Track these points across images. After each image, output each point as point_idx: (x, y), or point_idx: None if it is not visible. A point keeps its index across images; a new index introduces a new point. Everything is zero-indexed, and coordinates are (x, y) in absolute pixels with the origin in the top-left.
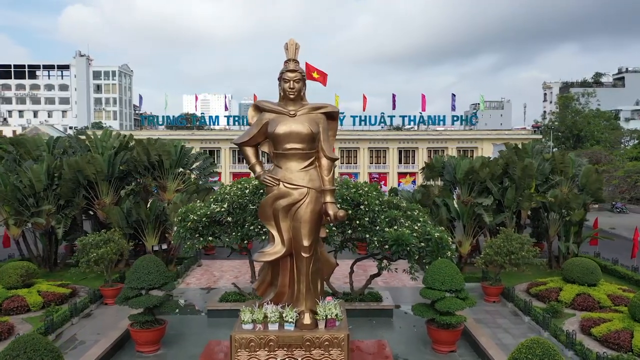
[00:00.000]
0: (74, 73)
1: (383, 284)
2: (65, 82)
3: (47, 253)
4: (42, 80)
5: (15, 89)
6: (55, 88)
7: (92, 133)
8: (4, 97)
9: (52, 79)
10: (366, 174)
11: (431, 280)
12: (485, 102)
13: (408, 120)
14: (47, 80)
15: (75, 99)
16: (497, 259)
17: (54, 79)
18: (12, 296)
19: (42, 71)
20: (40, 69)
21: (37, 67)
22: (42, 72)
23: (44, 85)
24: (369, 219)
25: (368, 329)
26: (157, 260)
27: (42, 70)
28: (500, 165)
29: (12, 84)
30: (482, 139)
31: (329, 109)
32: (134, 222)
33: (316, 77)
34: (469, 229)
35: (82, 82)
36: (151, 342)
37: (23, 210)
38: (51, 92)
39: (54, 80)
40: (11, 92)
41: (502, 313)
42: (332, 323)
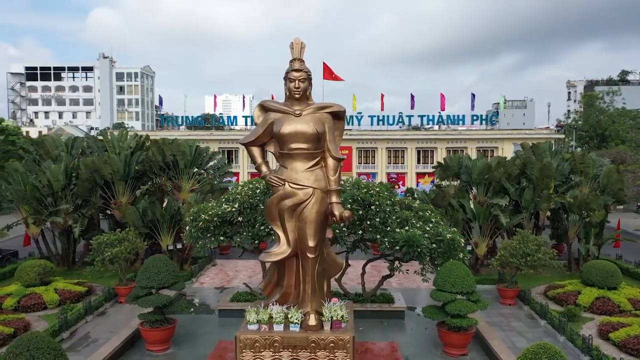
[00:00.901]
0: (98, 75)
1: (397, 285)
2: (89, 84)
3: (66, 252)
4: (67, 82)
5: (41, 91)
6: (80, 89)
7: (109, 133)
8: (31, 98)
9: (77, 80)
10: (384, 174)
11: (442, 282)
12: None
13: (427, 120)
14: (72, 82)
15: (98, 100)
16: (513, 261)
17: (78, 80)
18: (29, 294)
19: (67, 73)
20: (65, 71)
21: (62, 69)
22: (67, 74)
23: (68, 87)
24: (380, 219)
25: (379, 330)
26: (167, 260)
27: (67, 72)
28: (518, 165)
29: (38, 85)
30: (503, 139)
31: (334, 109)
32: (150, 221)
33: (334, 77)
34: (485, 230)
35: (106, 84)
36: (161, 341)
37: (42, 209)
38: (76, 93)
39: (78, 82)
40: (37, 93)
41: (517, 316)
42: (338, 325)
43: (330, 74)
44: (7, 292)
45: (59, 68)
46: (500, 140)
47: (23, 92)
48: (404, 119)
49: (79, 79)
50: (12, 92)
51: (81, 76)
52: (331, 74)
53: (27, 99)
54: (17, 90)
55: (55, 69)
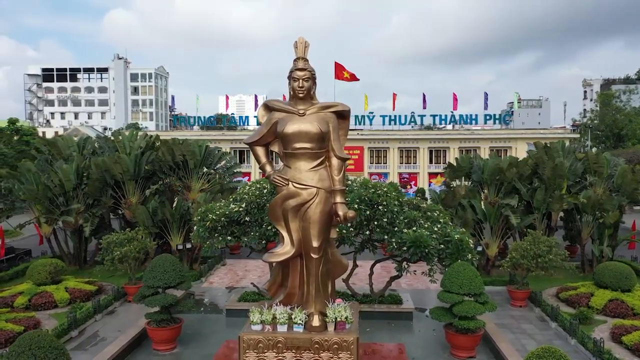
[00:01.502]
0: (112, 76)
1: (406, 286)
2: (104, 85)
3: (77, 251)
4: (82, 83)
5: (57, 92)
6: (95, 90)
7: (120, 133)
8: (47, 99)
9: (92, 81)
10: (396, 174)
11: (449, 284)
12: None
13: (439, 119)
14: (88, 82)
15: (113, 101)
16: (524, 263)
17: (93, 81)
18: (40, 292)
19: (83, 74)
20: (81, 72)
21: (78, 70)
22: (82, 75)
23: (84, 88)
24: (388, 219)
25: (387, 331)
26: (173, 260)
27: (83, 73)
28: (530, 165)
29: (55, 86)
30: (517, 139)
31: (339, 108)
32: (160, 221)
33: (347, 77)
34: (496, 230)
35: (120, 85)
36: (167, 340)
37: (53, 208)
38: (91, 94)
39: (93, 83)
40: (53, 94)
41: (528, 318)
42: (342, 326)
43: (342, 74)
44: (19, 291)
45: (75, 69)
46: (514, 140)
47: (40, 93)
48: (416, 119)
49: (94, 80)
50: (29, 93)
51: (96, 77)
52: (343, 73)
53: (43, 100)
54: (34, 91)
55: (71, 70)
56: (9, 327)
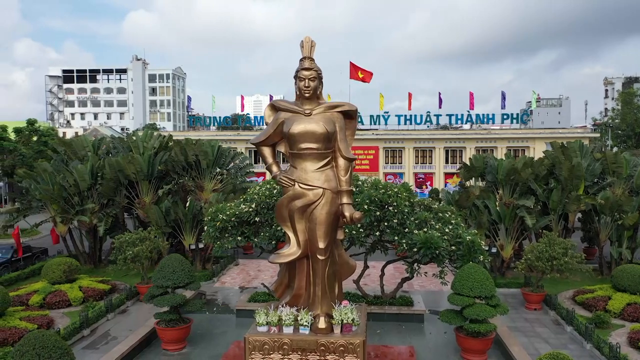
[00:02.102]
0: (131, 77)
1: (419, 288)
2: (123, 86)
3: (92, 250)
4: (101, 84)
5: (77, 93)
6: (114, 91)
7: (134, 134)
8: (67, 100)
9: (111, 82)
10: (411, 174)
11: (459, 286)
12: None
13: (455, 119)
14: (107, 83)
15: (132, 102)
16: (538, 265)
17: (112, 82)
18: (55, 291)
19: (102, 75)
20: (100, 73)
21: (97, 71)
22: (101, 76)
23: (103, 89)
24: (398, 220)
25: (397, 333)
26: (182, 260)
27: (102, 74)
28: (546, 165)
29: (75, 88)
30: (535, 138)
31: (345, 108)
32: (173, 221)
33: (361, 77)
34: (511, 232)
35: (138, 86)
36: (176, 340)
37: (69, 208)
38: (110, 95)
39: (112, 84)
40: (74, 95)
41: (542, 321)
42: (348, 328)
43: (357, 74)
44: (34, 289)
45: (94, 70)
46: (532, 139)
47: (60, 94)
48: (431, 119)
49: (113, 80)
50: (50, 94)
51: (115, 78)
52: (358, 73)
53: (64, 101)
54: (55, 92)
55: (91, 71)
56: (23, 325)
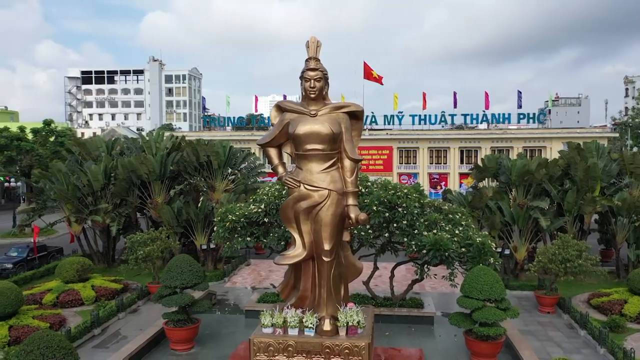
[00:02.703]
0: (148, 77)
1: (430, 289)
2: (140, 86)
3: (106, 249)
4: (119, 84)
5: (95, 94)
6: (131, 92)
7: (147, 134)
8: (86, 101)
9: (129, 83)
10: (426, 174)
11: (469, 289)
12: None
13: (470, 118)
14: (124, 84)
15: (148, 102)
16: (551, 267)
17: (130, 83)
18: (68, 290)
19: (120, 76)
20: (118, 74)
21: (115, 72)
22: (119, 77)
23: (121, 90)
24: (407, 222)
25: (406, 336)
26: (191, 260)
27: (120, 75)
28: (561, 165)
29: (93, 89)
30: (552, 138)
31: (351, 108)
32: (185, 221)
33: (375, 77)
34: (525, 233)
35: (155, 86)
36: (184, 340)
37: (83, 208)
38: (127, 95)
39: (130, 85)
40: (92, 96)
41: (556, 325)
42: (354, 330)
43: (370, 74)
44: (48, 288)
45: (112, 71)
46: (549, 139)
47: (79, 95)
48: (446, 118)
49: (130, 81)
50: (69, 95)
51: (132, 79)
52: (371, 74)
53: (82, 102)
54: (74, 93)
55: (109, 72)
56: (35, 324)
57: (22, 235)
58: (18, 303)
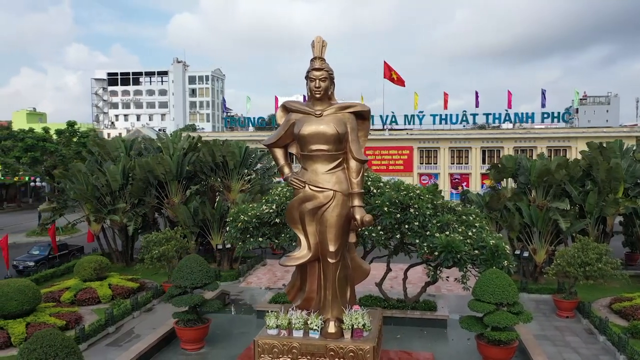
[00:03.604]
0: (172, 79)
1: (447, 292)
2: (165, 88)
3: (124, 248)
4: (144, 86)
5: (121, 95)
6: (156, 93)
7: (164, 135)
8: (112, 102)
9: (153, 84)
10: (447, 174)
11: (480, 292)
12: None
13: (493, 118)
14: (149, 85)
15: (172, 103)
16: (570, 271)
17: (154, 84)
18: (85, 288)
19: (144, 78)
20: (143, 76)
21: (140, 74)
22: (144, 78)
23: (145, 91)
24: (419, 223)
25: (418, 339)
26: (200, 260)
27: (144, 76)
28: (583, 166)
29: (119, 90)
30: (577, 138)
31: (358, 108)
32: (201, 221)
33: (395, 78)
34: (545, 235)
35: (179, 87)
36: (194, 340)
37: (101, 207)
38: (152, 97)
39: (154, 86)
40: (118, 97)
41: (574, 330)
42: (359, 333)
43: (390, 74)
44: (66, 286)
45: (137, 73)
46: (574, 139)
47: (105, 96)
48: (467, 118)
49: (155, 83)
50: (96, 96)
51: (157, 80)
52: (391, 73)
53: (108, 103)
54: (100, 94)
55: (134, 74)
56: (52, 321)
57: (45, 234)
58: (35, 300)
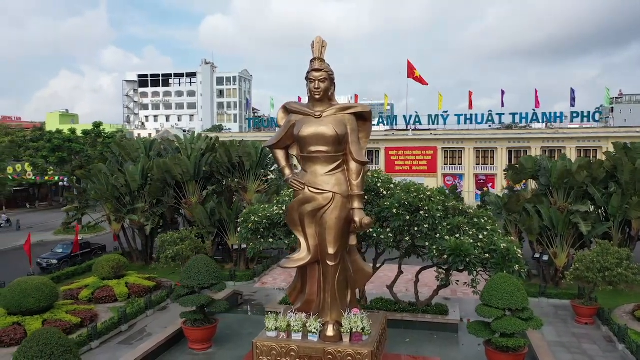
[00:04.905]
0: (200, 80)
1: (462, 295)
2: (193, 89)
3: (144, 247)
4: (173, 87)
5: (151, 96)
6: (184, 94)
7: (183, 135)
8: (142, 103)
9: (182, 85)
10: (472, 175)
11: (488, 297)
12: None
13: (520, 117)
14: (178, 87)
15: (200, 104)
16: (588, 276)
17: (183, 85)
18: (103, 286)
19: (174, 79)
20: (172, 77)
21: (170, 75)
22: (173, 80)
23: (174, 92)
24: (429, 225)
25: (427, 343)
26: (208, 261)
27: (174, 78)
28: (607, 167)
29: (149, 91)
30: (608, 138)
31: (358, 109)
32: (218, 221)
33: (418, 76)
34: (566, 239)
35: (207, 88)
36: (202, 340)
37: (121, 207)
38: (181, 98)
39: (183, 87)
40: (148, 99)
41: (592, 337)
42: (358, 337)
43: (413, 73)
44: (85, 284)
45: (167, 75)
46: (605, 139)
47: (136, 98)
48: (493, 118)
49: (184, 84)
50: (127, 98)
51: (186, 82)
52: (414, 72)
53: (139, 104)
54: (131, 96)
55: (164, 75)
56: (68, 318)
57: (70, 232)
58: (52, 298)
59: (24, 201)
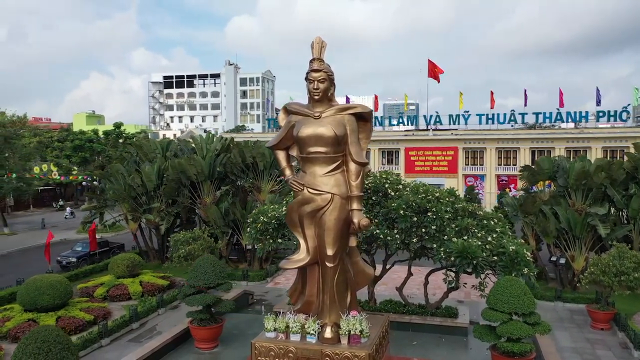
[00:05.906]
0: (224, 81)
1: (475, 298)
2: (217, 90)
3: (160, 246)
4: (197, 88)
5: (176, 97)
6: (208, 95)
7: (199, 136)
8: (167, 104)
9: (207, 86)
10: (493, 176)
11: (494, 301)
12: None
13: (543, 117)
14: (202, 88)
15: (224, 105)
16: (604, 280)
17: (207, 86)
18: (118, 284)
19: (198, 80)
20: (196, 78)
21: (194, 76)
22: (197, 81)
23: (199, 93)
24: (437, 227)
25: (434, 346)
26: (215, 261)
27: (198, 79)
28: (627, 168)
29: (174, 92)
30: (636, 137)
31: (358, 110)
32: (232, 221)
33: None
34: (585, 241)
35: (230, 89)
36: (208, 339)
37: (137, 207)
38: (205, 98)
39: (207, 88)
40: (173, 100)
41: (607, 343)
42: (356, 339)
43: (434, 72)
44: (100, 282)
45: (191, 76)
46: (632, 138)
47: (161, 99)
48: (516, 117)
49: (208, 85)
50: (152, 99)
51: (210, 83)
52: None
53: (164, 105)
54: (157, 97)
55: (188, 77)
56: (81, 316)
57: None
58: (66, 295)
59: (50, 200)
